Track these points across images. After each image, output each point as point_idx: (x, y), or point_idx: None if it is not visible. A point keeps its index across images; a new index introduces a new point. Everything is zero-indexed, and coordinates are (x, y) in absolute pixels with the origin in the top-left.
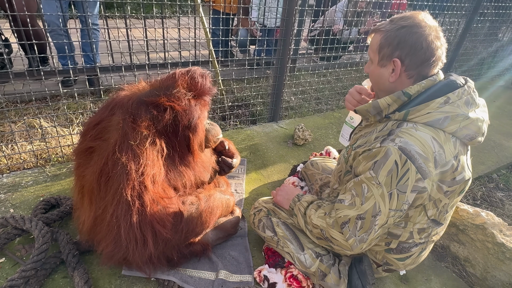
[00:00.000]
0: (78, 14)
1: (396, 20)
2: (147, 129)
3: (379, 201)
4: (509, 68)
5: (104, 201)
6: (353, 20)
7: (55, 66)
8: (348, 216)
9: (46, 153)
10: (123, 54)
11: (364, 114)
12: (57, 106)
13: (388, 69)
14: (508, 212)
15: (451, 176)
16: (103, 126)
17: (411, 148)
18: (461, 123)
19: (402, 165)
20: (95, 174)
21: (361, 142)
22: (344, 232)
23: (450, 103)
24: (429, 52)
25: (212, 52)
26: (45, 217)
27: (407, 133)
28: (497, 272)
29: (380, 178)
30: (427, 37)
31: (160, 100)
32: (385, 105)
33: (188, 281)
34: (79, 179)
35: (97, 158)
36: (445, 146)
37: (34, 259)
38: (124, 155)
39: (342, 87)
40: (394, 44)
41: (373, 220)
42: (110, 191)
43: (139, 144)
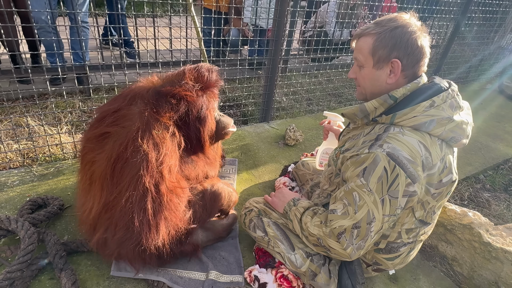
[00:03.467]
0: (67, 11)
1: (385, 22)
2: (169, 120)
3: (372, 208)
4: (497, 72)
5: (118, 187)
6: (344, 21)
7: (43, 63)
8: (344, 226)
9: (33, 152)
10: (114, 52)
11: (351, 118)
12: (45, 105)
13: (385, 71)
14: (494, 212)
15: (438, 179)
16: (122, 114)
17: (399, 154)
18: (447, 126)
19: (391, 171)
20: (110, 159)
21: (349, 146)
22: (341, 242)
23: (435, 107)
24: (423, 50)
25: (203, 51)
26: (31, 217)
27: (394, 138)
28: (483, 271)
29: (371, 185)
30: (419, 36)
31: (175, 90)
32: (372, 108)
33: (178, 282)
34: (88, 165)
35: (114, 143)
36: (431, 149)
37: (20, 260)
38: (146, 143)
39: (333, 88)
40: (390, 45)
41: (368, 227)
42: (127, 177)
43: (161, 134)
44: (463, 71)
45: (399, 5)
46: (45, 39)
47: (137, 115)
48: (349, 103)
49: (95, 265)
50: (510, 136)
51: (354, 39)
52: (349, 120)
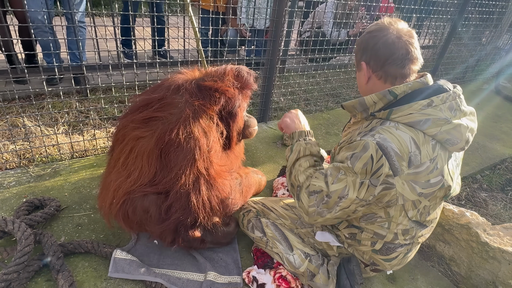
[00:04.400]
0: (64, 11)
1: (368, 27)
2: (213, 111)
3: (350, 185)
4: (494, 73)
5: (172, 171)
6: (342, 21)
7: (40, 63)
8: (321, 188)
9: (29, 153)
10: (111, 52)
11: (351, 110)
12: (41, 105)
13: (362, 73)
14: (492, 212)
15: (425, 178)
16: (168, 102)
17: (388, 145)
18: (442, 127)
19: (377, 160)
20: (160, 139)
21: (346, 138)
22: (310, 199)
23: (433, 106)
24: (389, 51)
25: (201, 52)
26: (28, 218)
27: (387, 130)
28: (481, 271)
29: (356, 169)
30: (387, 37)
31: (217, 85)
32: (371, 102)
33: (176, 283)
34: (133, 140)
35: (164, 126)
36: (422, 148)
37: (16, 261)
38: (197, 131)
39: (331, 89)
40: (361, 49)
41: (338, 201)
42: (182, 161)
43: (208, 123)
44: (460, 72)
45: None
46: (42, 39)
47: (184, 104)
48: None
49: (93, 267)
50: (507, 136)
51: None
52: (348, 112)
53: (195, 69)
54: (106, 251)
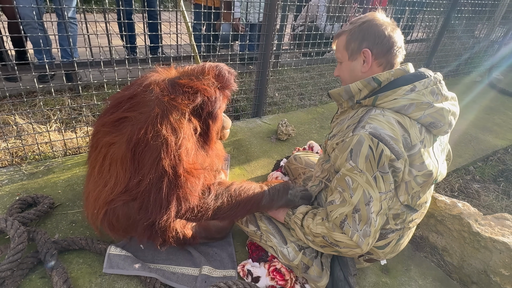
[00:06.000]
0: (54, 7)
1: (355, 20)
2: (186, 106)
3: (367, 187)
4: (487, 65)
5: (141, 170)
6: (335, 15)
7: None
8: (344, 213)
9: (22, 151)
10: (102, 48)
11: (337, 98)
12: (33, 103)
13: (359, 61)
14: (484, 202)
15: (420, 160)
16: (138, 100)
17: (380, 132)
18: (426, 110)
19: (376, 148)
20: (131, 143)
21: (336, 131)
22: (346, 230)
23: (416, 91)
24: (391, 40)
25: (194, 47)
26: (21, 216)
27: (375, 119)
28: (473, 261)
29: (360, 165)
30: (386, 27)
31: (193, 83)
32: (356, 89)
33: (171, 278)
34: (105, 148)
35: (133, 127)
36: (410, 131)
37: (10, 259)
38: (165, 128)
39: (325, 83)
40: (360, 37)
41: (368, 208)
42: (148, 161)
43: (178, 119)
44: (454, 65)
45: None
46: (32, 35)
47: (154, 101)
48: None
49: (87, 263)
50: (499, 128)
51: (334, 41)
52: (334, 101)
53: (171, 68)
54: (101, 247)
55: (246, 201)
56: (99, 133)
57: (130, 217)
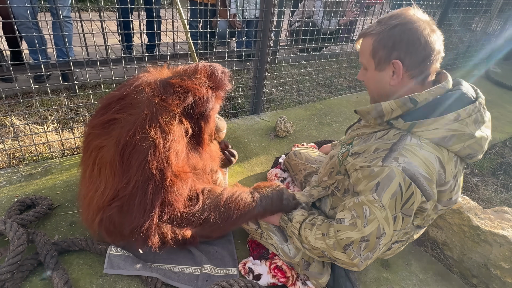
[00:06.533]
0: (48, 6)
1: (385, 20)
2: (176, 107)
3: (383, 223)
4: (484, 58)
5: (128, 173)
6: (332, 10)
7: (26, 60)
8: (351, 238)
9: (19, 152)
10: (98, 47)
11: (364, 116)
12: (30, 103)
13: (387, 72)
14: (483, 196)
15: (448, 196)
16: (128, 101)
17: (415, 171)
18: (466, 142)
19: (406, 189)
20: (119, 145)
21: (359, 149)
22: (348, 253)
23: (459, 121)
24: (428, 47)
25: (190, 44)
26: (20, 218)
27: (411, 151)
28: (473, 254)
29: (383, 200)
30: (423, 31)
31: (184, 83)
32: (389, 109)
33: (172, 277)
34: (95, 150)
35: (122, 130)
36: (446, 166)
37: (10, 261)
38: (153, 130)
39: (323, 78)
40: (390, 45)
41: (377, 241)
42: (135, 163)
43: (168, 121)
44: (451, 58)
45: None
46: (27, 35)
47: (144, 102)
48: (339, 93)
49: (88, 264)
50: (497, 121)
51: (358, 40)
52: (361, 117)
53: (164, 67)
54: (101, 248)
55: (236, 216)
56: (90, 136)
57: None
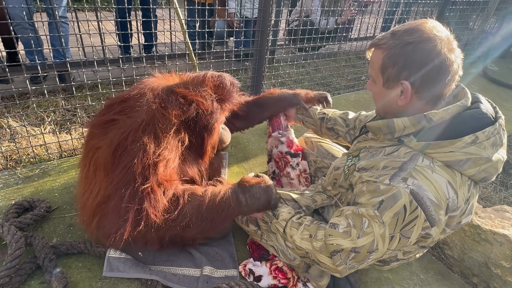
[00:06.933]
0: (44, 6)
1: (400, 34)
2: (175, 117)
3: (378, 240)
4: (481, 56)
5: (113, 174)
6: (330, 9)
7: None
8: (342, 246)
9: (16, 154)
10: (95, 48)
11: (375, 132)
12: (26, 105)
13: (395, 91)
14: (482, 194)
15: (458, 220)
16: (130, 104)
17: (423, 194)
18: (482, 166)
19: (410, 212)
20: (112, 146)
21: (367, 164)
22: (335, 259)
23: (477, 144)
24: (443, 69)
25: (188, 44)
26: (18, 221)
27: (421, 174)
28: (473, 253)
29: (384, 218)
30: (439, 52)
31: (189, 93)
32: (401, 127)
33: (172, 279)
34: (91, 151)
35: (118, 131)
36: (459, 191)
37: (8, 266)
38: (147, 135)
39: (321, 78)
40: (400, 64)
41: (368, 255)
42: (122, 165)
43: (164, 129)
44: None
45: None
46: (23, 36)
47: (144, 107)
48: (337, 92)
49: (87, 267)
50: None
51: (369, 48)
52: (371, 132)
53: (172, 74)
54: (100, 250)
55: (220, 219)
56: (89, 135)
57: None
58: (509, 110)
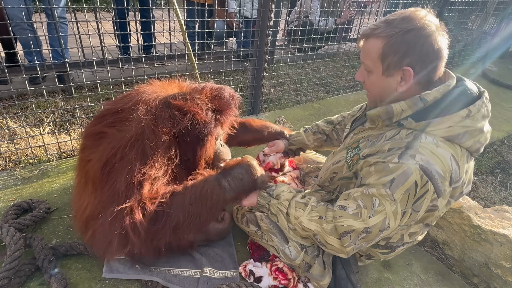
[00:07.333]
0: (43, 7)
1: (397, 22)
2: (166, 134)
3: (390, 217)
4: (480, 57)
5: (101, 192)
6: (329, 10)
7: (21, 62)
8: (353, 227)
9: (15, 155)
10: (94, 48)
11: (375, 120)
12: (25, 105)
13: (395, 78)
14: (482, 195)
15: (460, 191)
16: (123, 116)
17: (432, 168)
18: (476, 137)
19: (422, 186)
20: (101, 162)
21: (371, 151)
22: (344, 240)
23: (471, 117)
24: (439, 54)
25: (188, 45)
26: (17, 222)
27: (428, 149)
28: (473, 253)
29: (396, 195)
30: (436, 38)
31: (185, 104)
32: (399, 110)
33: (172, 280)
34: (83, 163)
35: (107, 146)
36: (460, 163)
37: (7, 267)
38: (134, 153)
39: (320, 78)
40: (402, 51)
41: (378, 234)
42: (109, 183)
43: (153, 146)
44: (448, 57)
45: None
46: (22, 36)
47: (135, 121)
48: (336, 92)
49: (86, 268)
50: (495, 120)
51: (361, 38)
52: (370, 121)
53: (173, 81)
54: None
55: (207, 210)
56: (82, 145)
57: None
58: (508, 110)
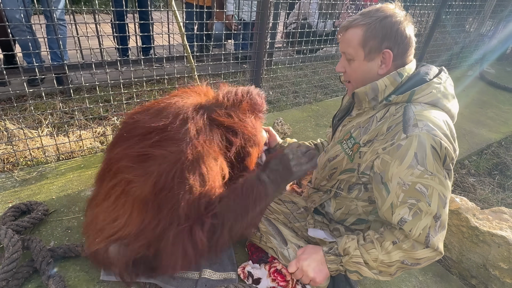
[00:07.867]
0: (42, 9)
1: (372, 12)
2: (220, 155)
3: (441, 189)
4: (478, 59)
5: (159, 215)
6: (327, 12)
7: (20, 64)
8: (427, 225)
9: (13, 156)
10: (93, 50)
11: (362, 98)
12: (24, 107)
13: (376, 62)
14: (480, 196)
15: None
16: (170, 135)
17: (437, 130)
18: (451, 101)
19: (439, 147)
20: (156, 186)
21: (370, 136)
22: (431, 244)
23: (442, 83)
24: (411, 38)
25: (186, 47)
26: (15, 224)
27: (423, 115)
28: (471, 255)
29: (429, 167)
30: (407, 24)
31: (232, 123)
32: (383, 86)
33: (171, 283)
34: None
35: (161, 169)
36: (451, 125)
37: (4, 269)
38: (192, 176)
39: (319, 80)
40: (381, 35)
41: (445, 211)
42: (168, 205)
43: (209, 168)
44: (445, 59)
45: None
46: (20, 38)
47: (187, 142)
48: (335, 94)
49: (84, 270)
50: (492, 122)
51: (341, 31)
52: (357, 101)
53: (202, 88)
54: None
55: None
56: (119, 162)
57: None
58: (505, 112)
